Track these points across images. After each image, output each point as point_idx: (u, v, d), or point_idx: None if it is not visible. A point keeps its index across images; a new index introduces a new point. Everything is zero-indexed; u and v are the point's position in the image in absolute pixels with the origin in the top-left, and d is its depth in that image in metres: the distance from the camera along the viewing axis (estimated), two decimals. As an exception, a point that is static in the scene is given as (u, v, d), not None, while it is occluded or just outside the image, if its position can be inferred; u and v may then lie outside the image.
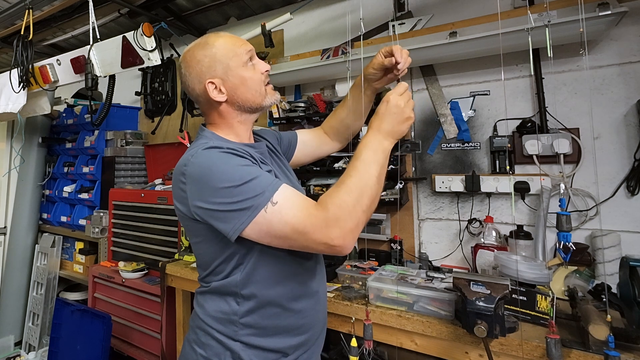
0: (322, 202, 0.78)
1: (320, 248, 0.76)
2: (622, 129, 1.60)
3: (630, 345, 1.06)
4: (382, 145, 0.86)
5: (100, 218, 2.57)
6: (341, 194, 0.77)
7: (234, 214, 0.77)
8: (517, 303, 1.23)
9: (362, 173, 0.81)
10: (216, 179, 0.78)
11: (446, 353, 1.25)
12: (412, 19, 2.05)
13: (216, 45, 0.93)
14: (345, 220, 0.75)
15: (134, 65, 1.95)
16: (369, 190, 0.79)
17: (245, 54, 0.94)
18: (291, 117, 2.28)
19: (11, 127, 3.19)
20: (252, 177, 0.77)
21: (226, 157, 0.81)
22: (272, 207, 0.76)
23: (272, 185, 0.78)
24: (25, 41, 2.19)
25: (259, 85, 0.95)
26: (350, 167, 0.83)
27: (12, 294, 2.97)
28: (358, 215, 0.77)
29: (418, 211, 2.04)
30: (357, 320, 1.38)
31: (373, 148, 0.85)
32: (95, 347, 2.00)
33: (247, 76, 0.94)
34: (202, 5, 2.64)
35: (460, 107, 1.94)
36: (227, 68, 0.92)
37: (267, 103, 0.98)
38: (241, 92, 0.94)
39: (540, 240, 1.59)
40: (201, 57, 0.92)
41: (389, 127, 0.88)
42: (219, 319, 0.89)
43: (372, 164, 0.82)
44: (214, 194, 0.78)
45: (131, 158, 2.94)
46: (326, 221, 0.75)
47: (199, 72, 0.92)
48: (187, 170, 0.82)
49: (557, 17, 1.57)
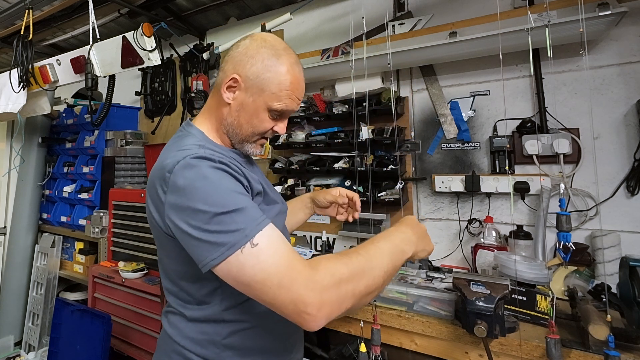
0: (315, 262, 0.67)
1: (288, 309, 0.64)
2: (622, 129, 1.60)
3: (630, 345, 1.06)
4: (404, 249, 0.79)
5: (100, 218, 2.56)
6: (339, 264, 0.68)
7: (206, 246, 0.67)
8: (517, 303, 1.23)
9: (373, 259, 0.72)
10: (197, 199, 0.68)
11: (446, 353, 1.25)
12: (412, 19, 2.06)
13: (278, 71, 0.82)
14: (330, 291, 0.64)
15: (134, 65, 1.95)
16: (370, 278, 0.70)
17: (282, 107, 0.84)
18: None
19: (11, 127, 3.19)
20: (236, 208, 0.67)
21: (216, 176, 0.71)
22: (250, 249, 0.65)
23: (256, 223, 0.67)
24: (25, 41, 2.19)
25: (256, 130, 0.86)
26: (363, 247, 0.75)
27: (12, 294, 2.96)
28: (346, 294, 0.66)
29: (418, 211, 2.04)
30: (355, 321, 1.38)
31: (395, 244, 0.78)
32: (95, 347, 2.00)
33: (261, 117, 0.85)
34: (202, 5, 2.64)
35: (460, 107, 1.94)
36: (259, 91, 0.83)
37: (245, 148, 0.89)
38: (240, 116, 0.85)
39: (540, 240, 1.60)
40: (258, 59, 0.82)
41: (418, 240, 0.84)
42: (199, 341, 0.79)
43: (386, 256, 0.74)
44: (192, 215, 0.68)
45: (131, 158, 2.94)
46: (309, 281, 0.64)
47: (243, 62, 0.83)
48: (171, 179, 0.71)
49: (557, 17, 1.57)
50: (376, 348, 1.00)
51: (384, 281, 0.73)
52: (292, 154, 2.36)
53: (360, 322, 1.28)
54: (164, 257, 0.84)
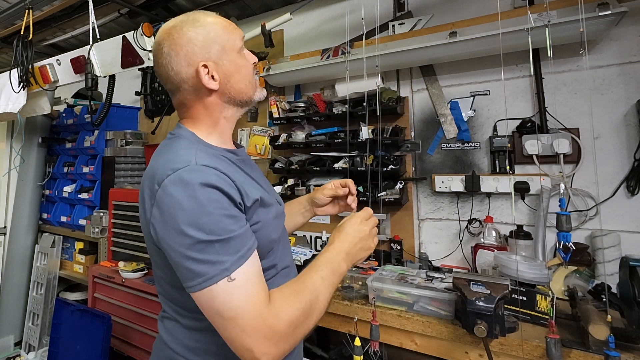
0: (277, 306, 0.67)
1: (243, 353, 0.65)
2: (622, 129, 1.60)
3: (630, 345, 1.06)
4: (341, 269, 0.80)
5: (100, 218, 2.56)
6: (296, 309, 0.69)
7: (184, 271, 0.66)
8: (517, 303, 1.23)
9: (318, 293, 0.74)
10: (183, 220, 0.65)
11: (446, 353, 1.25)
12: (412, 19, 2.06)
13: (210, 23, 0.81)
14: (286, 340, 0.67)
15: (134, 65, 1.95)
16: (317, 313, 0.73)
17: (239, 39, 0.84)
18: (291, 117, 2.28)
19: (11, 127, 3.19)
20: (221, 238, 0.66)
21: (206, 197, 0.67)
22: (226, 284, 0.64)
23: (238, 257, 0.67)
24: (25, 41, 2.19)
25: (251, 75, 0.86)
26: (309, 279, 0.75)
27: (12, 294, 2.96)
28: (298, 337, 0.70)
29: (418, 211, 2.04)
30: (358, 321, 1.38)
31: (332, 269, 0.78)
32: (95, 347, 2.00)
33: (241, 63, 0.84)
34: (202, 5, 2.64)
35: (460, 107, 1.94)
36: (222, 51, 0.80)
37: (258, 97, 0.88)
38: (235, 81, 0.82)
39: (540, 240, 1.60)
40: (193, 35, 0.78)
41: (351, 250, 0.83)
42: (193, 349, 0.78)
43: (329, 286, 0.76)
44: (175, 237, 0.66)
45: (131, 158, 2.94)
46: (270, 333, 0.65)
47: (189, 52, 0.78)
48: (159, 193, 0.69)
49: (557, 17, 1.57)
50: (375, 343, 1.00)
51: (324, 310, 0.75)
52: (292, 154, 2.36)
53: (355, 318, 1.29)
54: (154, 264, 0.82)
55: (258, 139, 2.56)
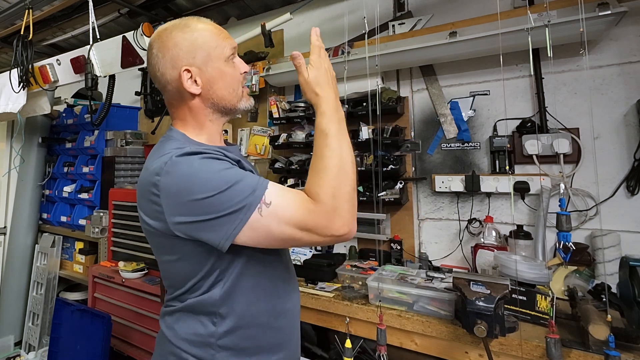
0: (315, 194, 0.73)
1: (327, 240, 0.74)
2: (622, 129, 1.60)
3: (630, 345, 1.06)
4: (339, 114, 0.81)
5: (100, 218, 2.56)
6: (330, 181, 0.74)
7: (224, 219, 0.70)
8: (517, 303, 1.23)
9: (339, 150, 0.77)
10: (199, 190, 0.70)
11: (446, 353, 1.25)
12: (412, 19, 2.06)
13: (199, 29, 0.84)
14: (344, 208, 0.73)
15: (134, 65, 1.95)
16: (350, 166, 0.77)
17: (229, 48, 0.86)
18: (291, 117, 2.28)
19: (11, 127, 3.19)
20: (238, 180, 0.72)
21: (206, 164, 0.73)
22: (267, 209, 0.70)
23: (260, 184, 0.72)
24: (25, 41, 2.19)
25: (237, 84, 0.88)
26: (324, 145, 0.78)
27: (12, 294, 2.96)
28: (352, 197, 0.75)
29: (418, 211, 2.04)
30: (355, 321, 1.38)
31: (335, 119, 0.80)
32: (95, 347, 2.00)
33: (227, 71, 0.86)
34: (202, 5, 2.64)
35: (460, 107, 1.94)
36: (207, 58, 0.83)
37: (242, 107, 0.90)
38: (218, 88, 0.85)
39: (540, 240, 1.59)
40: (180, 40, 0.82)
41: (332, 90, 0.83)
42: (194, 342, 0.80)
43: (342, 136, 0.79)
44: (199, 206, 0.71)
45: (131, 158, 2.94)
46: (327, 214, 0.72)
47: (174, 55, 0.82)
48: (162, 181, 0.73)
49: (557, 17, 1.57)
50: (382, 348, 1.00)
51: (352, 151, 0.80)
52: (292, 154, 2.36)
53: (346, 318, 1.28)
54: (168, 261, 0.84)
55: (258, 139, 2.56)
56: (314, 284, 1.57)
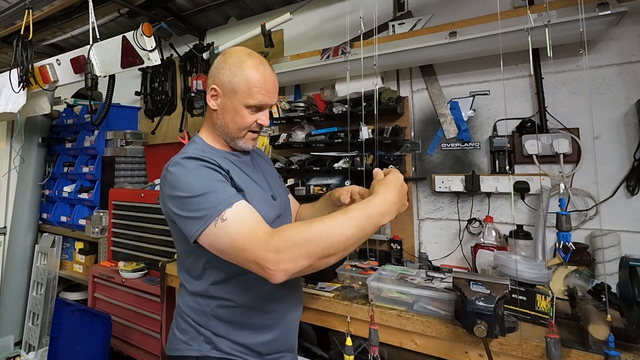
0: (277, 230, 0.81)
1: (254, 268, 0.80)
2: (621, 129, 1.60)
3: (630, 345, 1.05)
4: (380, 220, 0.83)
5: (100, 218, 2.57)
6: (295, 231, 0.79)
7: (190, 221, 0.86)
8: (517, 303, 1.23)
9: (335, 226, 0.79)
10: (182, 188, 0.88)
11: (446, 353, 1.25)
12: (411, 19, 2.06)
13: (245, 73, 0.98)
14: (284, 252, 0.77)
15: (134, 65, 1.95)
16: (328, 244, 0.78)
17: (256, 101, 0.98)
18: (291, 117, 2.28)
19: (11, 127, 3.19)
20: (211, 191, 0.85)
21: (197, 170, 0.89)
22: (221, 223, 0.82)
23: (227, 201, 0.83)
24: (25, 41, 2.19)
25: (244, 125, 1.01)
26: (333, 215, 0.82)
27: (12, 294, 2.96)
28: (300, 255, 0.77)
29: (418, 211, 2.04)
30: (355, 320, 1.38)
31: (369, 214, 0.82)
32: (95, 347, 2.00)
33: (240, 112, 0.99)
34: (202, 5, 2.64)
35: (460, 107, 1.94)
36: (233, 93, 0.99)
37: (239, 144, 1.04)
38: (226, 117, 1.01)
39: (540, 240, 1.59)
40: (227, 68, 0.99)
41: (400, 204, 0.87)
42: (194, 309, 1.00)
43: (353, 227, 0.80)
44: (179, 201, 0.88)
45: (131, 158, 2.94)
46: (266, 245, 0.78)
47: (218, 73, 1.01)
48: (167, 175, 0.93)
49: (557, 17, 1.57)
50: (374, 349, 1.00)
51: (346, 247, 0.80)
52: (292, 153, 2.36)
53: (347, 317, 1.29)
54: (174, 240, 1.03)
55: (258, 139, 2.56)
56: (314, 284, 1.57)
